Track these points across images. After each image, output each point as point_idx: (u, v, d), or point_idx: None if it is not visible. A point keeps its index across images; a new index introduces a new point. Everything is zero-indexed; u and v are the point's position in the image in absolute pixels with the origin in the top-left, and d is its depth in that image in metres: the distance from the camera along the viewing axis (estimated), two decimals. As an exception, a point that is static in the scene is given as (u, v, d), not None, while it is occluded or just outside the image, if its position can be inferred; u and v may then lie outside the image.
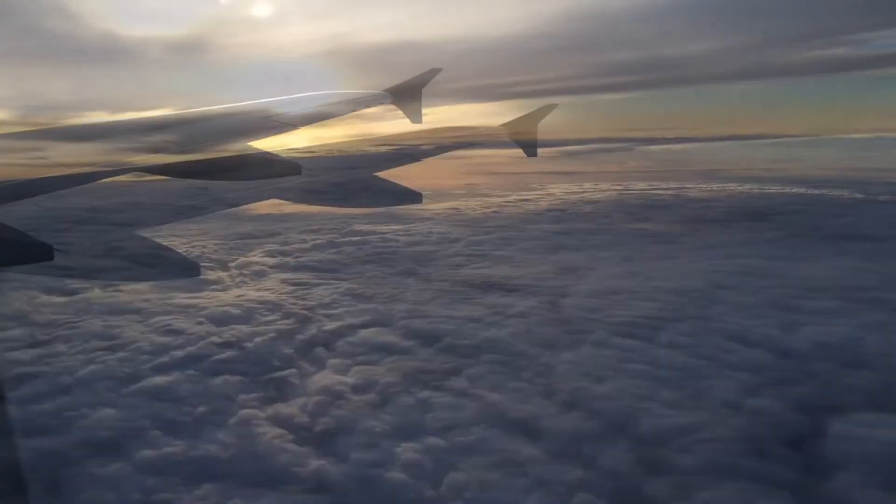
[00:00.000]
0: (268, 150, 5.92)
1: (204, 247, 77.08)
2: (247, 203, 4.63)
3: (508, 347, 33.65)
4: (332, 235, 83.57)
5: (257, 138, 6.06)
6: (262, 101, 7.83)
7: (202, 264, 61.90)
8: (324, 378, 30.42)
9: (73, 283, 55.37)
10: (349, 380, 29.99)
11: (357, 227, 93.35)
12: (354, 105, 8.59)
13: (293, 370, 31.73)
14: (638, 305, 40.71)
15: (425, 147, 7.40)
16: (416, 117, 10.29)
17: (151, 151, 4.98)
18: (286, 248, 72.69)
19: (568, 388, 28.38)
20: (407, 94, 10.20)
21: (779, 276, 48.43)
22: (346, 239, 76.81)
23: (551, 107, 10.29)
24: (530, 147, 9.90)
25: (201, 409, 27.62)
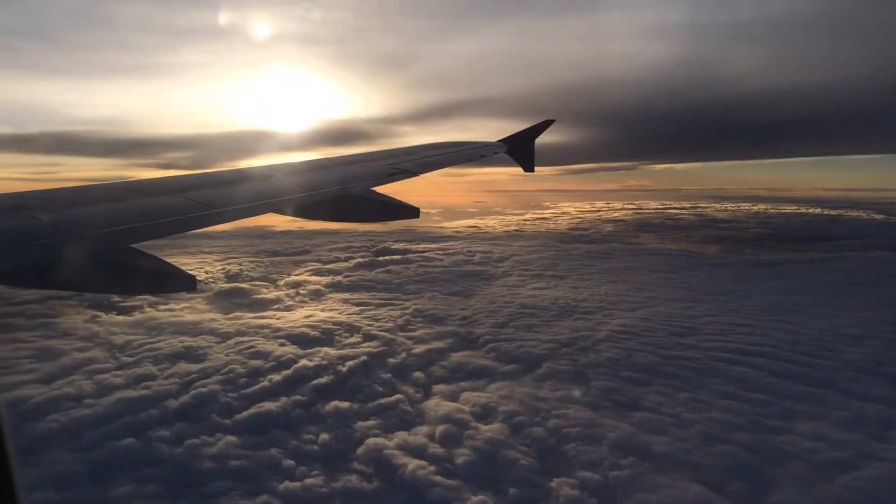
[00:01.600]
0: (390, 194, 6.13)
1: (240, 264, 76.56)
2: (249, 216, 4.71)
3: (618, 372, 33.04)
4: (364, 254, 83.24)
5: (380, 183, 6.20)
6: (385, 149, 8.03)
7: (251, 283, 61.39)
8: (438, 406, 29.73)
9: (119, 302, 54.86)
10: (465, 407, 29.30)
11: (389, 244, 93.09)
12: (471, 154, 8.68)
13: (400, 396, 31.03)
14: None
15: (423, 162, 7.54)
16: (528, 167, 10.38)
17: (284, 194, 5.27)
18: (329, 266, 72.12)
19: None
20: (520, 144, 10.22)
21: None
22: (387, 258, 76.30)
23: (549, 122, 10.39)
24: (528, 162, 10.17)
25: (324, 436, 26.92)
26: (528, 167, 10.37)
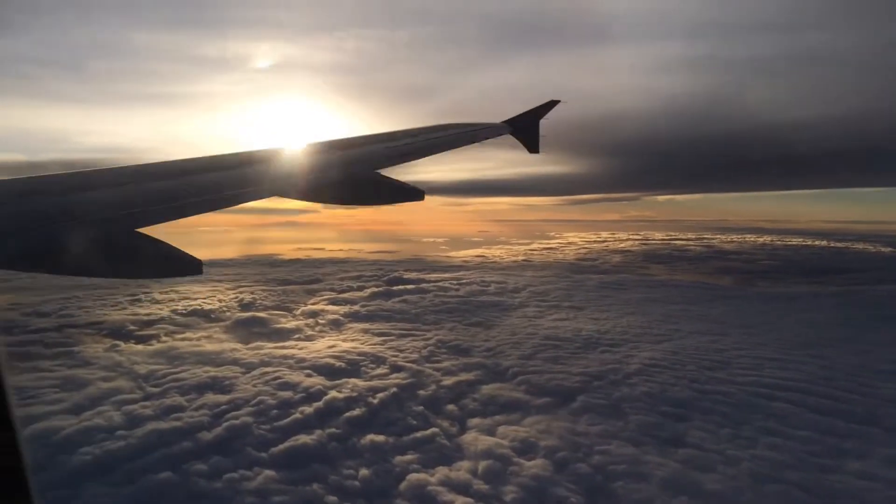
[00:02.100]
0: (392, 176, 6.05)
1: (252, 293, 76.30)
2: (248, 200, 4.63)
3: (655, 407, 32.57)
4: (377, 283, 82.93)
5: (383, 166, 6.11)
6: (388, 132, 7.83)
7: (269, 312, 61.02)
8: (477, 440, 29.21)
9: (136, 331, 54.49)
10: (504, 442, 28.79)
11: (400, 273, 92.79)
12: (475, 136, 8.51)
13: (436, 430, 30.53)
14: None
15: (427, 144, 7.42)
16: (533, 147, 10.39)
17: (288, 177, 5.30)
18: (344, 295, 71.78)
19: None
20: (525, 126, 10.22)
21: None
22: (401, 287, 75.97)
23: (554, 103, 10.38)
24: (532, 143, 10.20)
25: (364, 471, 26.38)
26: (533, 148, 10.38)
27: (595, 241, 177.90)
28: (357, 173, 5.77)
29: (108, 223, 3.55)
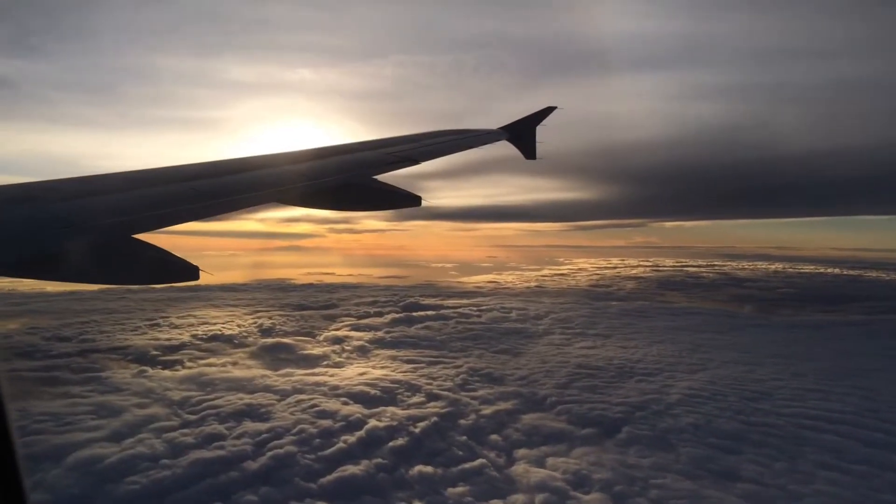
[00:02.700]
0: (390, 182, 6.08)
1: (270, 318, 76.00)
2: (246, 206, 4.66)
3: (703, 439, 32.03)
4: (393, 308, 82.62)
5: (380, 172, 6.13)
6: (385, 138, 7.88)
7: (294, 339, 60.63)
8: (528, 472, 28.70)
9: (160, 356, 54.15)
10: (557, 474, 28.26)
11: (416, 299, 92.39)
12: (472, 142, 8.52)
13: (483, 461, 30.01)
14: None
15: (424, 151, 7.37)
16: (530, 154, 10.36)
17: (286, 183, 5.26)
18: (365, 321, 71.36)
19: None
20: (522, 132, 10.25)
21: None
22: (421, 313, 75.58)
23: (550, 109, 10.38)
24: (529, 150, 10.18)
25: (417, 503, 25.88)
26: (530, 155, 10.36)
27: (606, 268, 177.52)
28: (354, 179, 5.77)
29: (104, 229, 3.52)
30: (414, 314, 74.47)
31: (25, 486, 2.04)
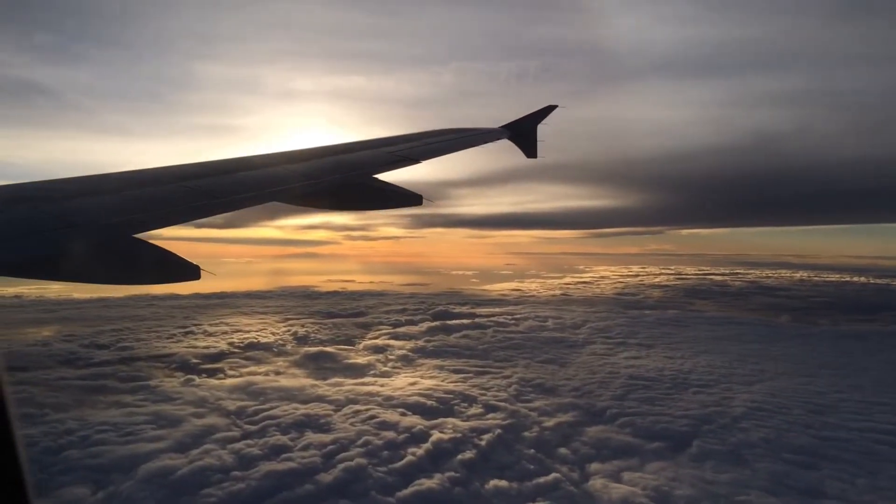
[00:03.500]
0: (391, 181, 6.03)
1: (302, 326, 75.88)
2: (247, 206, 4.61)
3: (778, 454, 31.34)
4: (423, 316, 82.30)
5: (380, 171, 6.06)
6: (385, 136, 7.75)
7: (336, 347, 60.36)
8: (607, 488, 28.15)
9: (201, 364, 54.02)
10: (638, 490, 27.70)
11: (445, 307, 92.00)
12: (472, 141, 8.44)
13: (557, 475, 29.50)
14: None
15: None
16: (531, 153, 10.30)
17: (285, 182, 5.20)
18: (401, 330, 70.99)
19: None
20: (523, 131, 10.19)
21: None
22: (456, 322, 75.15)
23: (551, 108, 10.29)
24: (530, 148, 10.13)
25: (500, 520, 25.40)
26: (531, 153, 10.30)
27: (628, 276, 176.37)
28: (355, 178, 5.73)
29: (105, 229, 3.51)
30: (449, 322, 74.06)
31: (29, 489, 2.01)
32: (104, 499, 26.61)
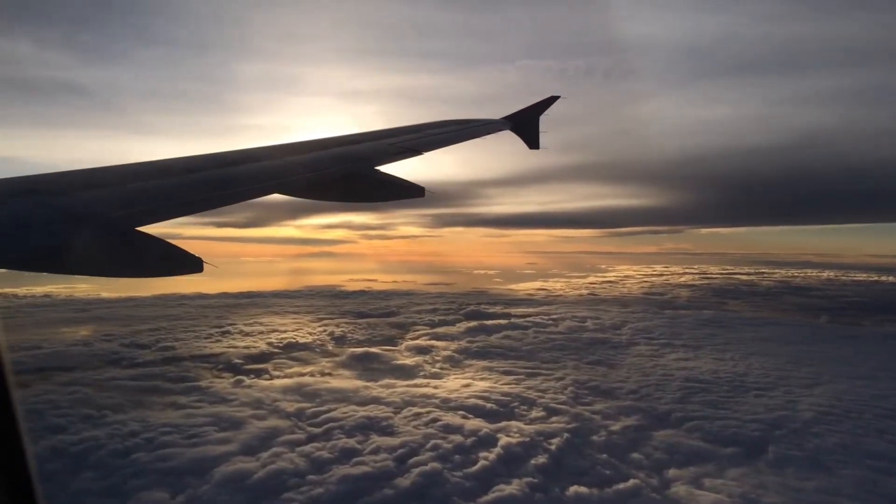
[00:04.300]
0: (393, 173, 6.00)
1: (337, 326, 75.68)
2: (249, 198, 4.54)
3: (859, 460, 30.59)
4: (456, 316, 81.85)
5: (383, 163, 6.06)
6: (388, 128, 7.72)
7: (381, 348, 60.01)
8: (693, 495, 27.57)
9: (244, 365, 53.84)
10: (726, 498, 27.09)
11: (476, 307, 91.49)
12: (475, 132, 8.44)
13: (636, 481, 28.93)
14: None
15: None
16: (533, 144, 10.27)
17: (288, 174, 5.16)
18: (439, 330, 70.57)
19: None
20: (525, 122, 10.17)
21: None
22: (494, 322, 74.63)
23: (553, 98, 10.27)
24: (532, 139, 10.21)
25: (589, 527, 24.89)
26: (533, 144, 10.26)
27: (652, 275, 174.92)
28: (357, 170, 5.71)
29: (108, 222, 3.49)
30: (486, 323, 73.52)
31: (37, 489, 1.97)
32: (185, 502, 26.36)
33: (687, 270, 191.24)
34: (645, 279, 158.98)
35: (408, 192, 5.89)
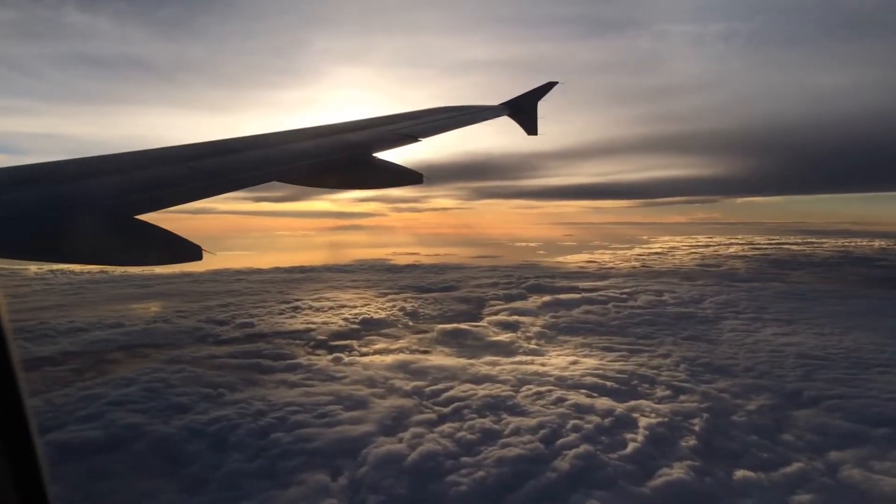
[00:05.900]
0: (392, 160, 6.03)
1: (404, 300, 75.24)
2: (248, 185, 4.39)
3: None
4: (520, 290, 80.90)
5: (381, 150, 6.05)
6: (387, 115, 7.77)
7: (470, 325, 59.34)
8: (871, 479, 26.52)
9: (328, 341, 53.51)
10: (905, 482, 25.95)
11: (535, 280, 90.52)
12: (473, 118, 8.48)
13: (800, 464, 27.94)
14: None
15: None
16: (531, 129, 10.24)
17: (286, 162, 5.12)
18: (515, 305, 69.81)
19: None
20: (523, 108, 10.13)
21: None
22: (567, 297, 73.66)
23: (551, 84, 10.23)
24: (530, 125, 10.21)
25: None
26: (531, 130, 10.23)
27: (699, 246, 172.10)
28: (355, 157, 5.74)
29: (108, 210, 3.46)
30: (561, 297, 72.56)
31: (47, 485, 1.90)
32: (349, 486, 25.99)
33: (732, 241, 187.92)
34: (692, 250, 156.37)
35: (406, 179, 5.88)
